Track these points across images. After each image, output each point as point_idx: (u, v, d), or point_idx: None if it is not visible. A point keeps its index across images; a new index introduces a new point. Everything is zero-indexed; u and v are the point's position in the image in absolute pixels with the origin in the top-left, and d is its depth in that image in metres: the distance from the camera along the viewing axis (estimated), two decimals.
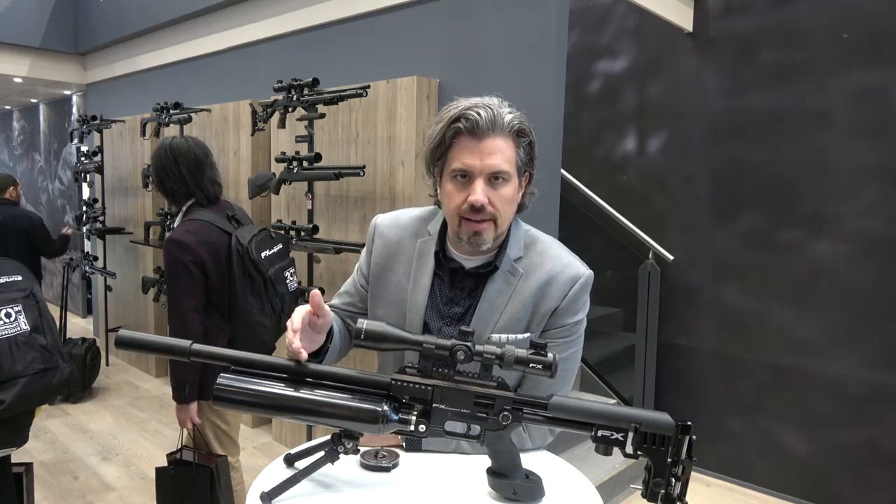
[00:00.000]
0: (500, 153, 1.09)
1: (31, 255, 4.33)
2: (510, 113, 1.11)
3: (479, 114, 1.07)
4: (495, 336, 1.13)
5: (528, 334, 1.15)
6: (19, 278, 1.98)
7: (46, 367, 1.91)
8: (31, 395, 1.87)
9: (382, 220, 1.30)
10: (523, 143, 1.12)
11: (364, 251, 1.32)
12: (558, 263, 1.17)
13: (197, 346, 0.94)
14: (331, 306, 1.36)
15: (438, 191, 1.18)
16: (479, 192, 1.08)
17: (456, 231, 1.14)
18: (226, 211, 2.20)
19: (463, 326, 0.93)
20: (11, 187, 4.35)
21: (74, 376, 2.05)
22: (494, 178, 1.10)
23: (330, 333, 1.14)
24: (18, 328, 1.89)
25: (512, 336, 1.13)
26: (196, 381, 2.03)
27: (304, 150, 2.98)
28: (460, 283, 1.19)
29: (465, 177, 1.10)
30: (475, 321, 1.15)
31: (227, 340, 2.09)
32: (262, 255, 2.16)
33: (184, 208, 2.17)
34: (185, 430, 2.14)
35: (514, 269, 1.17)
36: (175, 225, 2.19)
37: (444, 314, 1.19)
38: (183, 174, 2.13)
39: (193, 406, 2.05)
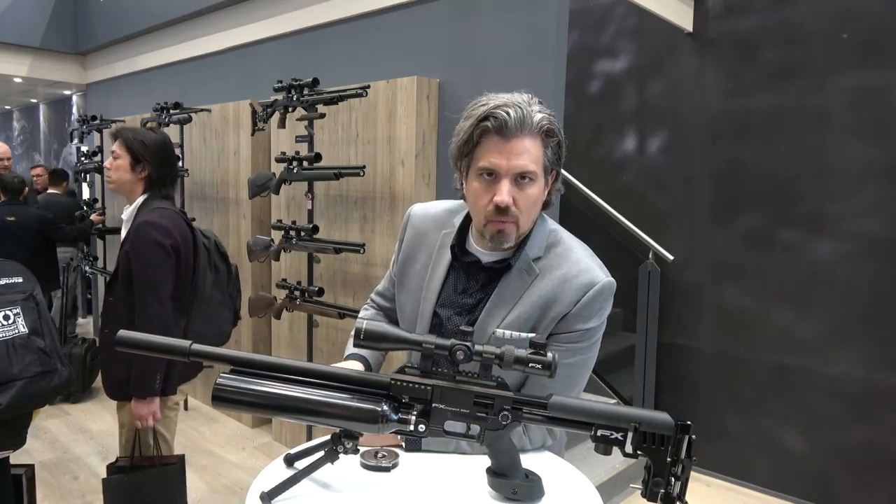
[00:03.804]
0: (528, 153, 1.08)
1: (46, 254, 4.38)
2: (540, 112, 1.09)
3: (508, 113, 1.06)
4: (499, 331, 1.13)
5: (531, 334, 1.11)
6: (20, 280, 1.97)
7: (44, 370, 1.89)
8: (29, 398, 1.85)
9: (416, 210, 1.33)
10: (552, 142, 1.11)
11: (398, 239, 1.36)
12: (575, 268, 1.15)
13: (197, 347, 0.94)
14: (372, 300, 1.43)
15: (464, 185, 1.18)
16: (504, 193, 1.08)
17: (481, 229, 1.15)
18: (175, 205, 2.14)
19: (463, 326, 0.94)
20: (26, 188, 4.49)
21: (73, 379, 2.01)
22: (521, 178, 1.09)
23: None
24: (16, 330, 1.87)
25: (515, 334, 1.12)
26: (164, 373, 1.93)
27: (304, 150, 2.98)
28: (475, 276, 1.20)
29: (492, 175, 1.10)
30: (484, 315, 1.16)
31: (182, 333, 2.03)
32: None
33: (140, 200, 2.04)
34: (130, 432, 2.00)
35: (530, 269, 1.16)
36: (126, 216, 2.06)
37: (455, 304, 1.21)
38: (175, 169, 2.10)
39: (157, 400, 1.94)
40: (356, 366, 1.21)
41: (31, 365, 1.86)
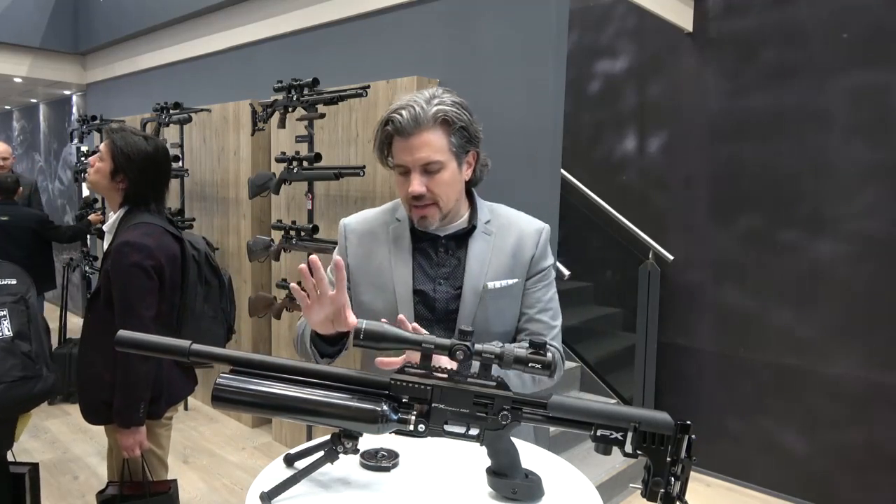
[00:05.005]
0: (428, 146, 1.22)
1: (42, 253, 4.36)
2: (438, 105, 1.21)
3: (401, 115, 1.21)
4: (490, 284, 1.29)
5: (516, 280, 1.32)
6: (13, 282, 1.92)
7: (27, 376, 1.81)
8: (9, 402, 1.79)
9: (350, 219, 1.44)
10: (454, 129, 1.23)
11: (336, 251, 1.42)
12: (523, 221, 1.38)
13: (196, 347, 0.93)
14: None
15: None
16: (415, 184, 1.23)
17: (409, 215, 1.31)
18: (166, 215, 1.99)
19: (463, 326, 0.94)
20: (20, 188, 4.45)
21: (59, 385, 1.93)
22: (428, 168, 1.23)
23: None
24: (0, 334, 1.82)
25: (505, 282, 1.31)
26: (149, 399, 1.81)
27: (304, 150, 2.99)
28: (443, 247, 1.33)
29: (405, 170, 1.25)
30: (467, 277, 1.30)
31: None
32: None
33: (121, 213, 1.89)
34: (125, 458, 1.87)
35: (487, 230, 1.34)
36: (108, 227, 1.92)
37: (434, 276, 1.32)
38: (162, 184, 1.93)
39: (144, 429, 1.82)
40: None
41: (13, 369, 1.80)
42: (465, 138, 1.26)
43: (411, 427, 0.93)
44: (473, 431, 0.95)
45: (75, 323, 6.80)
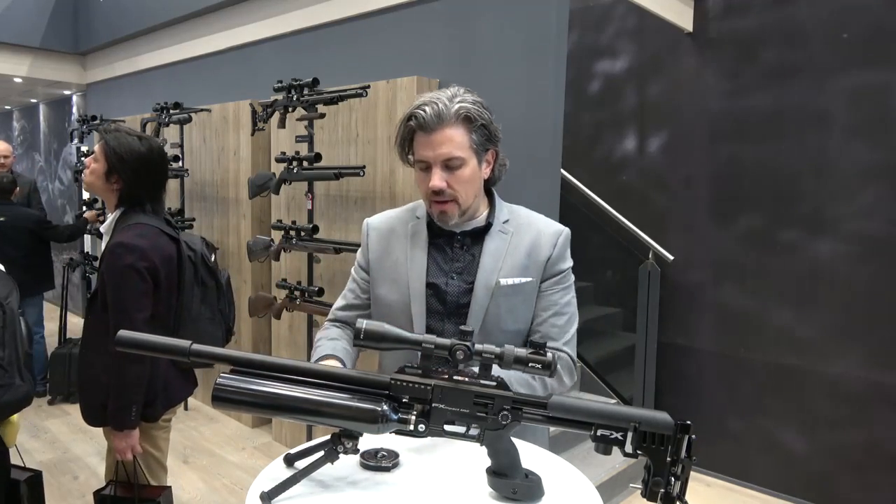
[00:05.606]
0: (450, 142, 1.23)
1: (40, 254, 4.35)
2: (461, 102, 1.23)
3: (425, 111, 1.22)
4: (503, 281, 1.29)
5: (530, 279, 1.32)
6: None
7: None
8: None
9: (373, 218, 1.46)
10: (475, 126, 1.25)
11: (360, 251, 1.44)
12: (542, 223, 1.39)
13: (197, 347, 0.93)
14: (334, 320, 1.44)
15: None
16: (435, 179, 1.24)
17: (428, 210, 1.33)
18: (164, 215, 1.97)
19: (463, 326, 0.94)
20: (17, 188, 4.42)
21: (31, 396, 1.82)
22: (449, 164, 1.24)
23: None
24: None
25: (518, 280, 1.31)
26: (142, 403, 1.79)
27: (304, 150, 2.98)
28: (459, 244, 1.35)
29: (426, 165, 1.26)
30: (481, 272, 1.31)
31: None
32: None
33: (118, 213, 1.87)
34: (119, 460, 1.85)
35: (504, 229, 1.35)
36: (104, 228, 1.90)
37: (447, 270, 1.33)
38: (157, 184, 1.91)
39: (136, 432, 1.80)
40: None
41: None
42: (485, 136, 1.28)
43: (411, 427, 0.93)
44: (473, 431, 0.95)
45: (75, 323, 6.80)
